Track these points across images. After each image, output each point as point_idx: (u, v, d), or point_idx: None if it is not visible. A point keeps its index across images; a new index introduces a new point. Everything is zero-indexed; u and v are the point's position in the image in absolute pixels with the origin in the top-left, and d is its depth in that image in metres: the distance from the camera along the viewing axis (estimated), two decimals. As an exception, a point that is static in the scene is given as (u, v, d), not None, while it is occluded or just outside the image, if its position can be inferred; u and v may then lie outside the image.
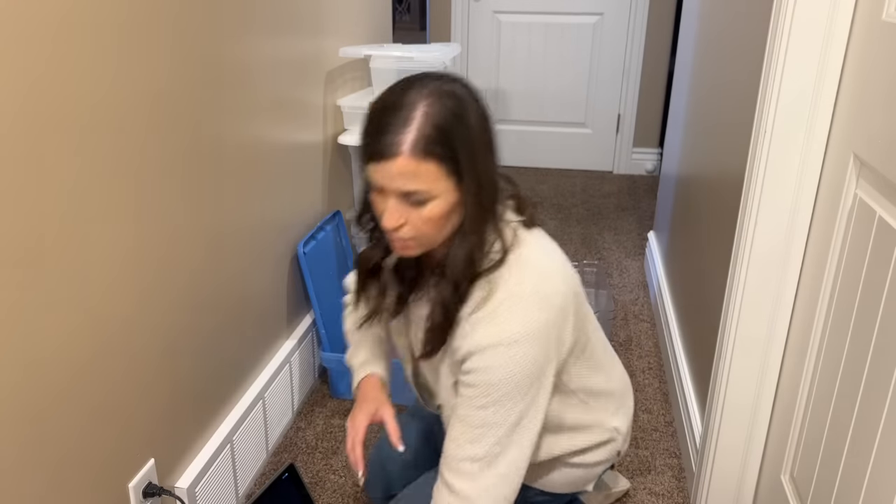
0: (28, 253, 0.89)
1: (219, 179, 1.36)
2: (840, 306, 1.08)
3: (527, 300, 0.97)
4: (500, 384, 0.96)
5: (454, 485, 1.00)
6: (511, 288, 0.97)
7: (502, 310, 0.96)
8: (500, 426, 0.98)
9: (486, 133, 0.96)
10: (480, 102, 0.96)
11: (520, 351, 0.96)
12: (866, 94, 1.04)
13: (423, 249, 1.00)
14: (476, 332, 0.97)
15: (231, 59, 1.37)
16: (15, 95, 0.85)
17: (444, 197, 0.93)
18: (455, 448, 1.00)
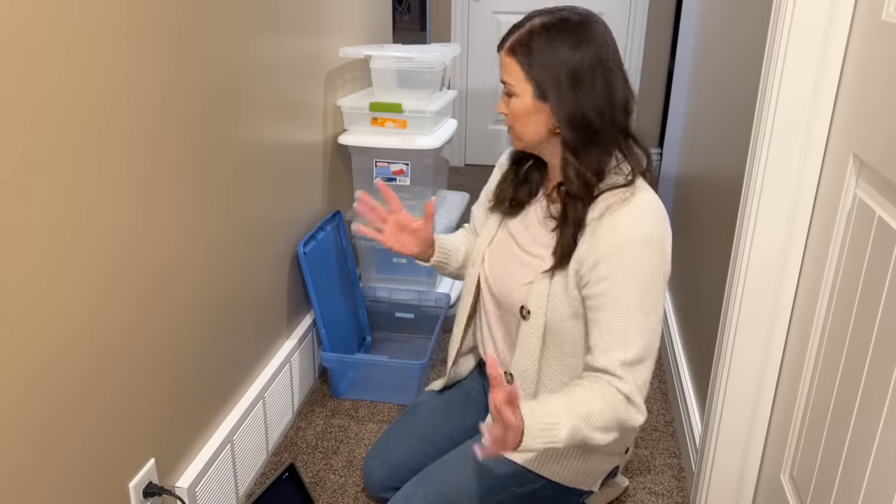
0: (29, 253, 0.89)
1: (219, 180, 1.36)
2: (840, 306, 1.09)
3: (651, 214, 1.13)
4: (633, 288, 1.11)
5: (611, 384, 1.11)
6: (642, 202, 1.13)
7: (637, 212, 1.12)
8: (642, 331, 1.12)
9: (582, 64, 1.11)
10: (594, 39, 1.12)
11: (648, 251, 1.11)
12: (866, 93, 1.04)
13: (522, 145, 1.21)
14: (612, 231, 1.12)
15: (232, 60, 1.37)
16: (27, 98, 0.85)
17: (523, 98, 1.15)
18: (603, 357, 1.12)
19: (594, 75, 1.12)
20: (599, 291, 1.13)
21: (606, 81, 1.13)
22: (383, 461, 1.43)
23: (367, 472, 1.46)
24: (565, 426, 1.05)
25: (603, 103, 1.13)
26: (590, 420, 1.07)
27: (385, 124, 2.01)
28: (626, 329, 1.11)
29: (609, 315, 1.12)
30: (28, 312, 0.90)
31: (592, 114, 1.13)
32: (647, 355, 1.12)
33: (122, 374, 1.11)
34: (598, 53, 1.13)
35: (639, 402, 1.11)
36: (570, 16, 1.14)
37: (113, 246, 1.06)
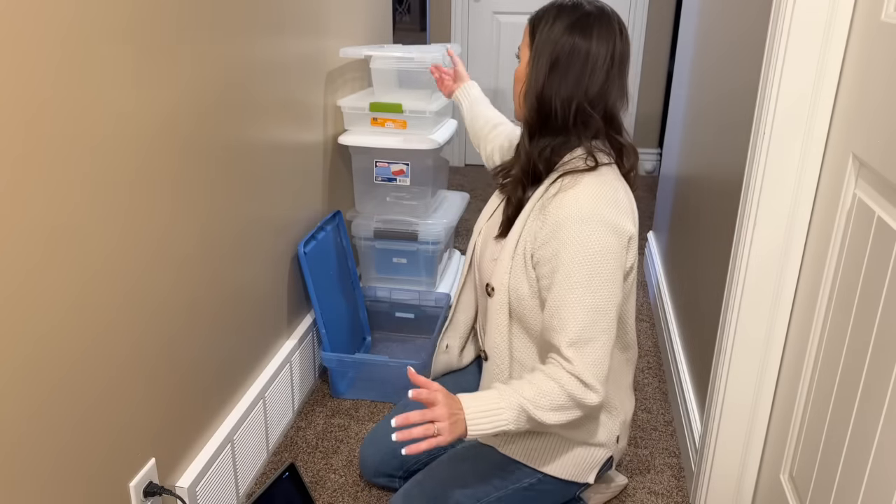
0: (30, 251, 0.89)
1: (220, 180, 1.36)
2: (839, 306, 1.09)
3: (608, 196, 1.13)
4: (578, 266, 1.11)
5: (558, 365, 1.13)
6: (594, 182, 1.14)
7: (585, 191, 1.13)
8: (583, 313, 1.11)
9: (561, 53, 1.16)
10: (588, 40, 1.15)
11: (591, 229, 1.11)
12: (865, 94, 1.04)
13: (516, 111, 1.27)
14: (558, 209, 1.13)
15: (232, 60, 1.37)
16: (23, 97, 0.85)
17: (521, 62, 1.23)
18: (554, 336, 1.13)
19: (573, 64, 1.15)
20: (548, 271, 1.14)
21: (584, 75, 1.15)
22: (377, 448, 1.48)
23: (362, 458, 1.51)
24: (507, 408, 1.09)
25: (572, 94, 1.15)
26: (537, 401, 1.10)
27: (385, 124, 2.01)
28: (571, 308, 1.12)
29: (555, 294, 1.13)
30: (28, 312, 0.90)
31: (557, 100, 1.16)
32: (594, 335, 1.12)
33: (122, 374, 1.11)
34: (590, 47, 1.15)
35: (590, 381, 1.11)
36: (586, 5, 1.17)
37: (112, 246, 1.06)
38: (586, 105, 1.16)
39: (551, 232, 1.13)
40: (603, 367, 1.13)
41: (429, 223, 2.12)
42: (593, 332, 1.12)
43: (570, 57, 1.15)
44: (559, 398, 1.11)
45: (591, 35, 1.15)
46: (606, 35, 1.16)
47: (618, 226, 1.13)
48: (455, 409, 1.08)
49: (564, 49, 1.15)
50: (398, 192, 2.10)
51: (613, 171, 1.19)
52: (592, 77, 1.16)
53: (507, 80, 3.90)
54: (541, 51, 1.17)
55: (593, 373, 1.12)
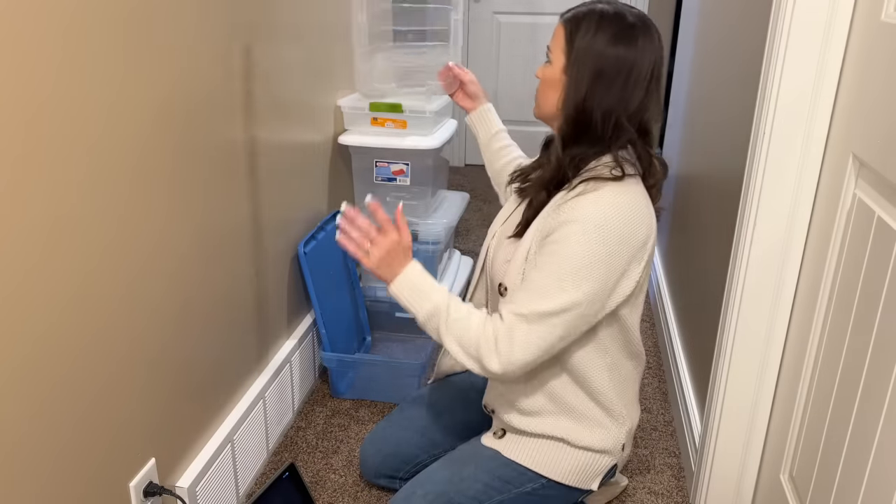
0: (27, 251, 0.89)
1: (219, 179, 1.36)
2: (839, 306, 1.09)
3: (625, 207, 1.12)
4: (569, 259, 1.11)
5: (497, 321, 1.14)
6: (616, 192, 1.13)
7: (603, 198, 1.12)
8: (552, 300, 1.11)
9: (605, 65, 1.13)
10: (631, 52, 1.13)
11: (598, 236, 1.10)
12: (865, 94, 1.04)
13: (538, 112, 1.25)
14: (573, 209, 1.12)
15: (233, 61, 1.37)
16: (23, 97, 0.85)
17: (555, 66, 1.18)
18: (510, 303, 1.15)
19: (617, 77, 1.13)
20: (541, 256, 1.15)
21: (626, 88, 1.13)
22: (377, 449, 1.48)
23: (363, 459, 1.51)
24: (430, 303, 1.17)
25: (614, 107, 1.14)
26: (451, 324, 1.16)
27: (385, 124, 2.01)
28: (540, 292, 1.12)
29: (535, 275, 1.14)
30: (27, 311, 0.90)
31: (598, 112, 1.14)
32: (546, 324, 1.11)
33: (121, 374, 1.11)
34: (633, 59, 1.13)
35: (504, 348, 1.12)
36: (628, 15, 1.14)
37: (112, 245, 1.06)
38: (624, 119, 1.15)
39: (558, 225, 1.13)
40: (526, 353, 1.12)
41: (429, 223, 2.12)
42: (543, 320, 1.12)
43: (615, 70, 1.12)
44: (470, 339, 1.14)
45: (636, 47, 1.13)
46: (650, 47, 1.14)
47: (624, 238, 1.11)
48: (398, 259, 1.18)
49: (609, 61, 1.12)
50: (398, 191, 2.10)
51: (637, 183, 1.17)
52: (635, 90, 1.14)
53: (506, 80, 3.90)
54: (582, 60, 1.14)
55: (518, 351, 1.12)
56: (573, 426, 1.26)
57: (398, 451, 1.46)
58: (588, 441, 1.25)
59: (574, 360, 1.22)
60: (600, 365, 1.23)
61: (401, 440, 1.46)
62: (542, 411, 1.26)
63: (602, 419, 1.26)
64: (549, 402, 1.26)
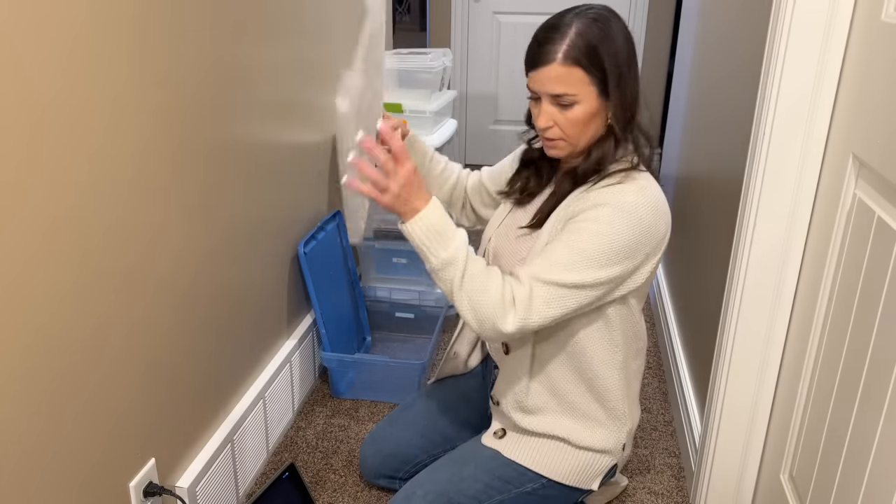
0: (27, 251, 0.89)
1: (219, 180, 1.36)
2: (839, 306, 1.09)
3: (653, 198, 1.13)
4: (596, 237, 1.11)
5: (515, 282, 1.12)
6: (643, 184, 1.14)
7: (631, 188, 1.13)
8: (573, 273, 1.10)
9: (629, 52, 1.14)
10: (625, 27, 1.15)
11: (627, 221, 1.11)
12: (865, 94, 1.04)
13: (568, 150, 1.19)
14: (603, 195, 1.12)
15: (233, 61, 1.37)
16: (28, 99, 0.85)
17: (587, 103, 1.13)
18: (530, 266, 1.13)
19: (633, 63, 1.16)
20: (565, 231, 1.14)
21: (637, 69, 1.17)
22: (377, 449, 1.48)
23: (363, 459, 1.51)
24: (448, 251, 1.10)
25: (637, 90, 1.17)
26: (467, 279, 1.11)
27: (385, 124, 2.01)
28: (561, 260, 1.11)
29: (557, 245, 1.13)
30: (26, 311, 0.90)
31: (633, 100, 1.17)
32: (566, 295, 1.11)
33: (122, 374, 1.11)
34: (631, 43, 1.16)
35: (521, 311, 1.10)
36: (602, 11, 1.15)
37: (112, 245, 1.06)
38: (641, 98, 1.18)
39: (588, 207, 1.13)
40: (543, 318, 1.11)
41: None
42: (564, 294, 1.11)
43: (631, 58, 1.15)
44: (484, 298, 1.10)
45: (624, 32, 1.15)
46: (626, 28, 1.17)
47: (650, 229, 1.13)
48: (417, 192, 1.09)
49: (629, 53, 1.15)
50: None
51: (649, 175, 1.19)
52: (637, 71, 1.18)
53: (506, 80, 3.90)
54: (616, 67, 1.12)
55: (532, 313, 1.10)
56: (574, 426, 1.26)
57: (398, 452, 1.46)
58: (589, 441, 1.26)
59: (590, 359, 1.23)
60: (612, 363, 1.24)
61: (400, 440, 1.46)
62: (545, 409, 1.26)
63: (604, 419, 1.27)
64: (553, 399, 1.26)
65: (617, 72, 1.12)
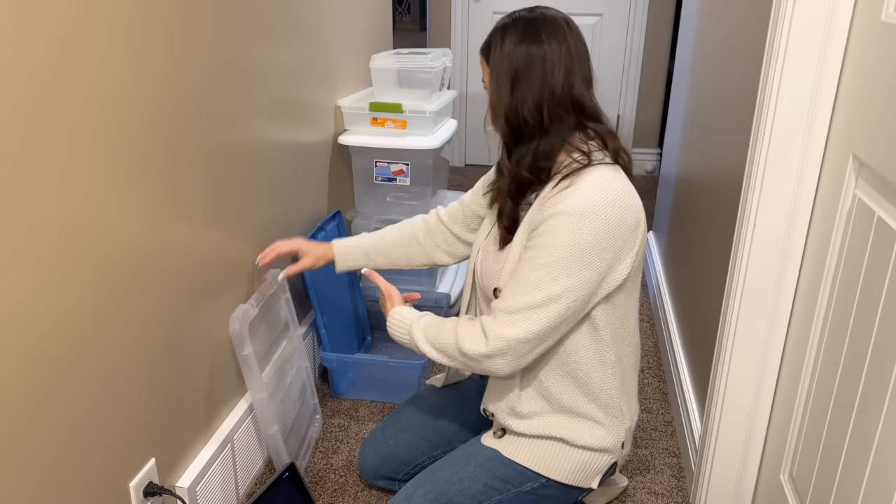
0: (29, 251, 0.89)
1: (220, 180, 1.36)
2: (839, 306, 1.09)
3: (609, 193, 1.14)
4: (557, 248, 1.13)
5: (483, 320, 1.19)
6: (596, 181, 1.15)
7: (584, 189, 1.14)
8: (541, 290, 1.13)
9: (519, 64, 1.17)
10: (538, 44, 1.17)
11: (585, 225, 1.12)
12: (865, 94, 1.04)
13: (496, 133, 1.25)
14: (556, 203, 1.15)
15: (232, 61, 1.37)
16: (22, 99, 0.85)
17: (490, 92, 1.22)
18: (500, 300, 1.18)
19: (532, 72, 1.17)
20: (530, 248, 1.17)
21: (545, 77, 1.17)
22: (377, 451, 1.48)
23: (362, 460, 1.51)
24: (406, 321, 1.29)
25: (539, 99, 1.17)
26: (423, 327, 1.26)
27: (385, 124, 2.01)
28: (527, 279, 1.15)
29: (524, 265, 1.16)
30: (27, 311, 0.90)
31: (525, 110, 1.18)
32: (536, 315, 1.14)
33: (122, 374, 1.11)
34: (542, 51, 1.17)
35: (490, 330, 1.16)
36: (524, 14, 1.20)
37: (112, 244, 1.06)
38: (555, 105, 1.18)
39: (543, 220, 1.15)
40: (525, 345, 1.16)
41: (429, 223, 2.12)
42: (534, 315, 1.14)
43: (527, 66, 1.17)
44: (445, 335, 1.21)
45: (541, 39, 1.17)
46: (555, 34, 1.18)
47: (613, 225, 1.13)
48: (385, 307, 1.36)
49: (520, 60, 1.17)
50: (398, 191, 2.10)
51: (614, 169, 1.19)
52: (553, 77, 1.17)
53: (506, 80, 3.90)
54: (498, 70, 1.19)
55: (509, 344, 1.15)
56: (572, 425, 1.26)
57: (397, 453, 1.46)
58: (587, 440, 1.26)
59: (581, 362, 1.23)
60: (604, 362, 1.24)
61: (400, 441, 1.46)
62: (540, 412, 1.26)
63: (601, 418, 1.26)
64: (546, 403, 1.26)
65: (497, 75, 1.19)
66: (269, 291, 1.56)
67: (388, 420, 1.52)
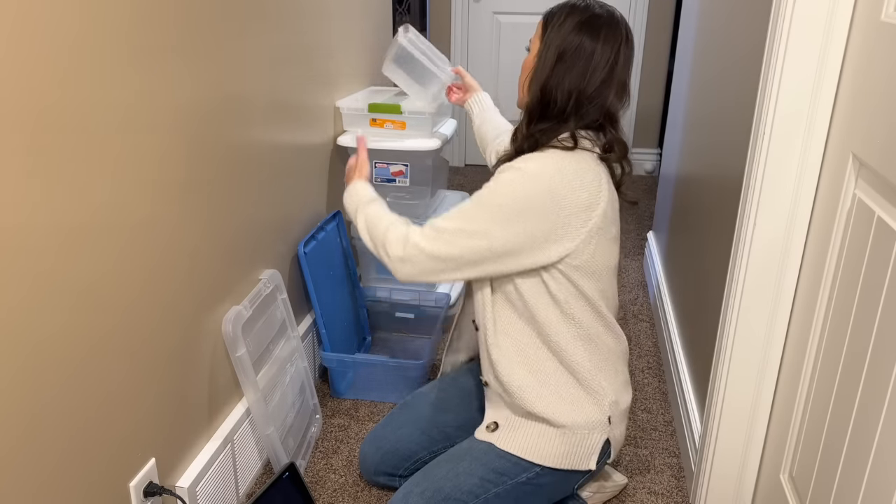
0: (33, 253, 0.89)
1: (220, 180, 1.36)
2: (839, 306, 1.09)
3: (565, 167, 1.21)
4: (498, 194, 1.21)
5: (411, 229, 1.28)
6: (561, 155, 1.23)
7: (545, 156, 1.22)
8: (468, 222, 1.22)
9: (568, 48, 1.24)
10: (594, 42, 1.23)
11: (530, 183, 1.19)
12: (865, 94, 1.04)
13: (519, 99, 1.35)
14: (514, 163, 1.24)
15: (232, 61, 1.38)
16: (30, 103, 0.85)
17: (532, 53, 1.31)
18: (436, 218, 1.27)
19: (577, 61, 1.23)
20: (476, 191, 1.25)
21: (586, 72, 1.23)
22: (377, 447, 1.49)
23: (362, 457, 1.52)
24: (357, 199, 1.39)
25: (573, 88, 1.23)
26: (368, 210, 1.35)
27: (384, 125, 2.01)
28: (461, 209, 1.24)
29: (464, 202, 1.26)
30: (29, 312, 0.90)
31: (559, 91, 1.24)
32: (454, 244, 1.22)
33: (122, 374, 1.11)
34: (594, 47, 1.22)
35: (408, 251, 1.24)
36: (596, 8, 1.26)
37: (112, 244, 1.06)
38: (584, 100, 1.24)
39: (505, 169, 1.24)
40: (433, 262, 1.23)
41: (429, 223, 2.12)
42: (452, 237, 1.22)
43: (575, 53, 1.23)
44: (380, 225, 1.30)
45: (598, 36, 1.23)
46: (612, 39, 1.23)
47: (559, 195, 1.19)
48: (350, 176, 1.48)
49: (571, 45, 1.23)
50: (398, 192, 2.10)
51: (592, 158, 1.25)
52: (593, 75, 1.23)
53: (507, 80, 3.90)
54: (550, 44, 1.25)
55: (417, 238, 1.24)
56: (554, 403, 1.28)
57: (397, 448, 1.46)
58: (569, 418, 1.28)
59: (547, 330, 1.28)
60: (573, 335, 1.28)
61: (400, 437, 1.47)
62: (524, 387, 1.29)
63: (580, 395, 1.29)
64: (530, 376, 1.29)
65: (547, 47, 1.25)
66: (264, 292, 1.56)
67: (389, 417, 1.53)
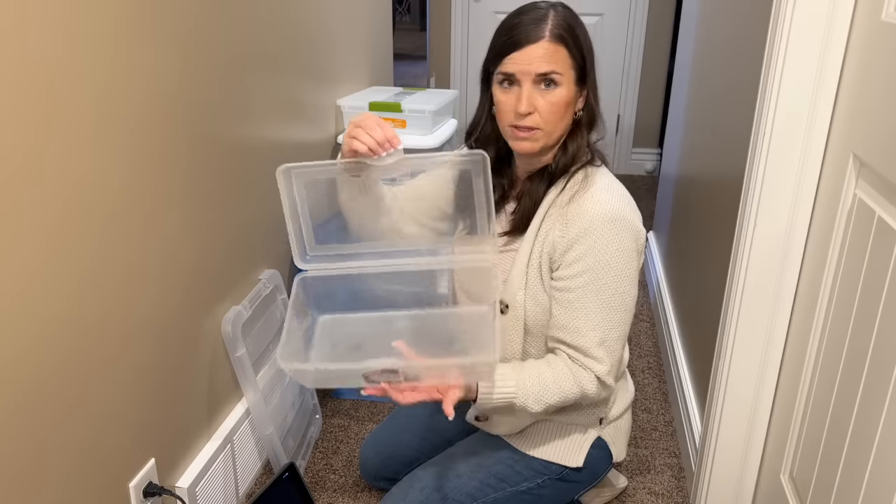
0: (28, 250, 0.89)
1: (221, 179, 1.36)
2: (839, 306, 1.09)
3: (616, 192, 1.14)
4: (608, 262, 1.11)
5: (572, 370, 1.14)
6: (607, 182, 1.15)
7: (600, 192, 1.13)
8: (616, 328, 1.14)
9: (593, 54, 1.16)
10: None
11: (616, 230, 1.11)
12: (866, 93, 1.04)
13: (542, 143, 1.14)
14: (579, 217, 1.12)
15: (231, 60, 1.37)
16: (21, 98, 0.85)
17: (568, 87, 1.12)
18: (578, 338, 1.14)
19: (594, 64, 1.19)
20: (575, 272, 1.13)
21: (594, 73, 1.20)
22: (377, 452, 1.48)
23: (363, 461, 1.50)
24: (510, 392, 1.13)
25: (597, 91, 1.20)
26: (541, 397, 1.14)
27: (385, 124, 2.01)
28: (600, 310, 1.13)
29: (581, 294, 1.13)
30: (27, 311, 0.90)
31: (597, 94, 1.19)
32: (619, 333, 1.16)
33: (122, 374, 1.11)
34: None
35: (610, 382, 1.16)
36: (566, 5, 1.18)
37: (112, 244, 1.06)
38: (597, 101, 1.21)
39: (578, 235, 1.12)
40: (621, 362, 1.22)
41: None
42: (619, 331, 1.16)
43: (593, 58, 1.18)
44: (564, 396, 1.15)
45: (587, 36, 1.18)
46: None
47: (636, 226, 1.15)
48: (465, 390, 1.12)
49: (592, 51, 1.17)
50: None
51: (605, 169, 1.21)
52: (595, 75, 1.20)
53: (507, 80, 3.90)
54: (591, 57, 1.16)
55: (615, 372, 1.18)
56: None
57: (398, 454, 1.45)
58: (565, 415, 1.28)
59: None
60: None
61: (400, 442, 1.46)
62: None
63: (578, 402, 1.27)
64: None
65: (591, 58, 1.16)
66: (264, 292, 1.56)
67: (389, 420, 1.52)
